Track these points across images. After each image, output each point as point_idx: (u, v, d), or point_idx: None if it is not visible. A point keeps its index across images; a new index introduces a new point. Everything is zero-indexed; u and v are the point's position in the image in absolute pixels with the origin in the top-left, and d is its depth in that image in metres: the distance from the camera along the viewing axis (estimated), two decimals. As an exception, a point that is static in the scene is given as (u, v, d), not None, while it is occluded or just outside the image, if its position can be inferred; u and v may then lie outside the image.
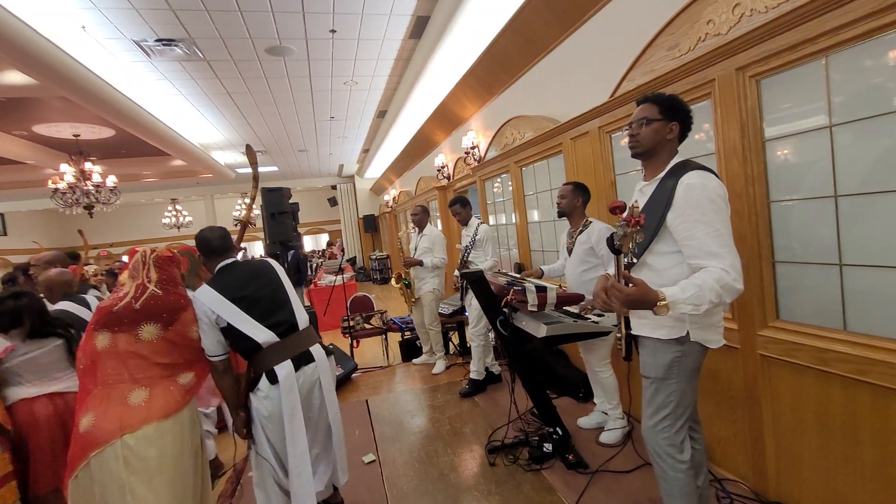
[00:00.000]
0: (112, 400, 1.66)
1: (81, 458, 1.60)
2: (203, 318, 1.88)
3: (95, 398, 1.68)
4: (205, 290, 1.91)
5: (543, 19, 3.37)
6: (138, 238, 15.30)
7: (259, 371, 1.91)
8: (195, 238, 2.09)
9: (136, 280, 1.81)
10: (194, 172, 10.24)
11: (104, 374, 1.70)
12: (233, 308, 1.89)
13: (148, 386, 1.71)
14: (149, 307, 1.76)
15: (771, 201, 1.91)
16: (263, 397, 1.88)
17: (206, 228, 2.10)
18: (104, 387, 1.69)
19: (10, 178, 9.01)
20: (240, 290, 1.94)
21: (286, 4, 3.93)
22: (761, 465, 2.06)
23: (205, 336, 1.88)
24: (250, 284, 1.99)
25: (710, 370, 2.27)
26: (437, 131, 6.88)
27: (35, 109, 6.02)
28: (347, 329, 4.86)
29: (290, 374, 1.91)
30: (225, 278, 1.99)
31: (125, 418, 1.63)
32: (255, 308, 1.94)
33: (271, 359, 1.91)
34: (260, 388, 1.89)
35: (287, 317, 2.02)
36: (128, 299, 1.75)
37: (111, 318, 1.73)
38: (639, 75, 2.53)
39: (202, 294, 1.89)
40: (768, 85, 1.86)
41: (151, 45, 4.41)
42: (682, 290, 1.37)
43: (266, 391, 1.88)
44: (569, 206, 2.72)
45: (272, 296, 2.03)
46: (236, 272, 2.03)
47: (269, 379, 1.88)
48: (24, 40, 3.57)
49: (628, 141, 1.66)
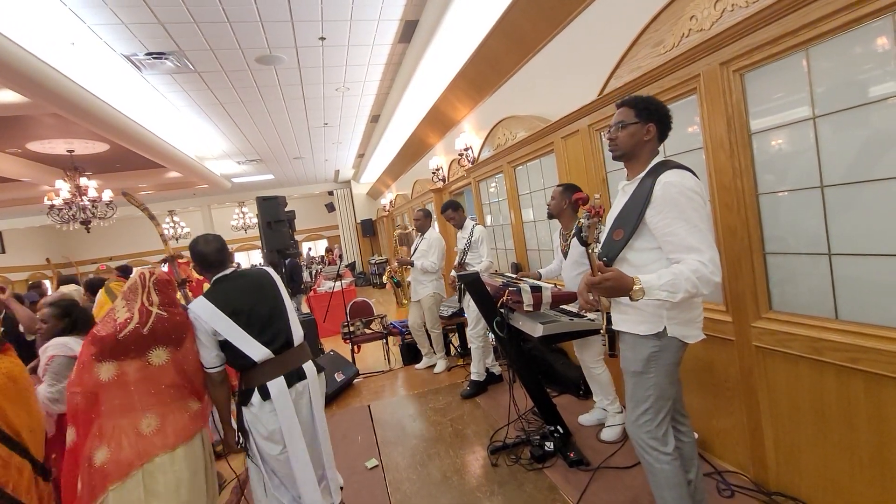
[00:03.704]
0: (125, 431, 1.64)
1: (101, 492, 1.59)
2: (201, 330, 1.85)
3: (105, 430, 1.64)
4: (202, 303, 1.86)
5: (531, 19, 3.39)
6: (137, 251, 15.32)
7: (251, 386, 1.90)
8: (189, 249, 2.03)
9: (136, 304, 1.74)
10: (190, 184, 10.26)
11: (110, 405, 1.65)
12: (230, 324, 1.86)
13: (158, 413, 1.70)
14: (158, 331, 1.72)
15: (759, 193, 1.93)
16: (255, 412, 1.88)
17: (202, 239, 2.03)
18: (111, 417, 1.65)
19: (6, 196, 9.01)
20: (238, 304, 1.90)
21: (274, 14, 3.94)
22: (761, 456, 2.07)
23: (203, 349, 1.87)
24: (248, 298, 1.95)
25: (706, 363, 2.28)
26: (430, 134, 6.89)
27: (28, 127, 6.03)
28: (348, 335, 4.87)
29: (282, 390, 1.90)
30: (222, 291, 1.95)
31: (142, 448, 1.63)
32: (252, 324, 1.90)
33: (264, 374, 1.90)
34: (252, 404, 1.88)
35: (283, 333, 1.99)
36: (133, 325, 1.67)
37: (117, 346, 1.66)
38: (625, 73, 2.54)
39: (199, 308, 1.85)
40: (752, 78, 1.88)
41: (142, 59, 4.43)
42: (658, 278, 1.42)
43: (258, 407, 1.87)
44: (556, 208, 2.73)
45: (270, 311, 1.99)
46: (234, 284, 1.99)
47: (261, 395, 1.87)
48: (14, 59, 3.59)
49: (609, 145, 1.70)
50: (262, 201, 4.44)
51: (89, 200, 7.00)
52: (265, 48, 4.56)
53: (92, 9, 3.52)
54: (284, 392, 1.91)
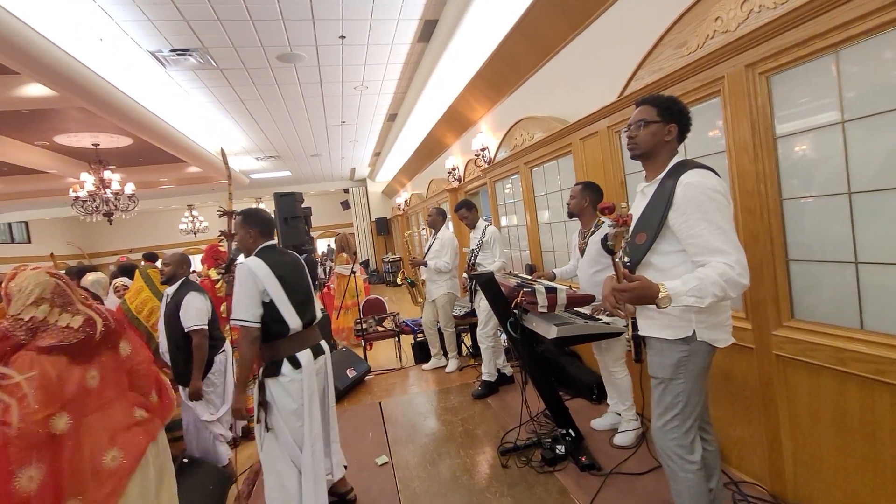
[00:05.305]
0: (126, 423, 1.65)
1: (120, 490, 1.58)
2: (250, 285, 1.94)
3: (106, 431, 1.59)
4: (257, 262, 1.99)
5: (551, 20, 3.37)
6: (156, 244, 15.62)
7: (280, 357, 2.02)
8: (250, 214, 2.16)
9: (79, 304, 1.65)
10: (209, 179, 10.43)
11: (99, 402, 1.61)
12: (278, 287, 2.00)
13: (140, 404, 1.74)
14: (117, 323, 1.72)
15: (783, 199, 1.89)
16: (287, 381, 2.00)
17: (260, 210, 2.23)
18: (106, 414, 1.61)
19: (33, 188, 9.28)
20: (283, 273, 2.06)
21: (296, 12, 3.99)
22: (778, 467, 2.03)
23: (247, 305, 1.94)
24: (290, 271, 2.12)
25: (724, 371, 2.24)
26: (447, 133, 6.90)
27: (56, 120, 6.20)
28: (360, 332, 4.90)
29: (310, 360, 2.07)
30: (271, 258, 2.07)
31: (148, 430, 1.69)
32: (293, 294, 2.06)
33: (293, 346, 2.05)
34: (284, 373, 2.00)
35: (311, 309, 2.18)
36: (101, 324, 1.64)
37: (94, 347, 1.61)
38: (647, 74, 2.51)
39: (255, 265, 1.97)
40: (779, 81, 1.84)
41: (166, 55, 4.52)
42: (684, 283, 1.39)
43: (290, 375, 2.00)
44: (577, 207, 2.71)
45: (304, 287, 2.18)
46: (281, 256, 2.14)
47: (292, 364, 2.01)
48: (43, 53, 3.69)
49: (627, 143, 1.67)
50: (279, 197, 4.49)
51: (112, 193, 7.17)
52: (286, 46, 4.62)
53: (120, 5, 3.61)
54: (311, 363, 2.07)
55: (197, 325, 2.69)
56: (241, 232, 2.15)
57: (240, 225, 2.15)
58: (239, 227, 2.16)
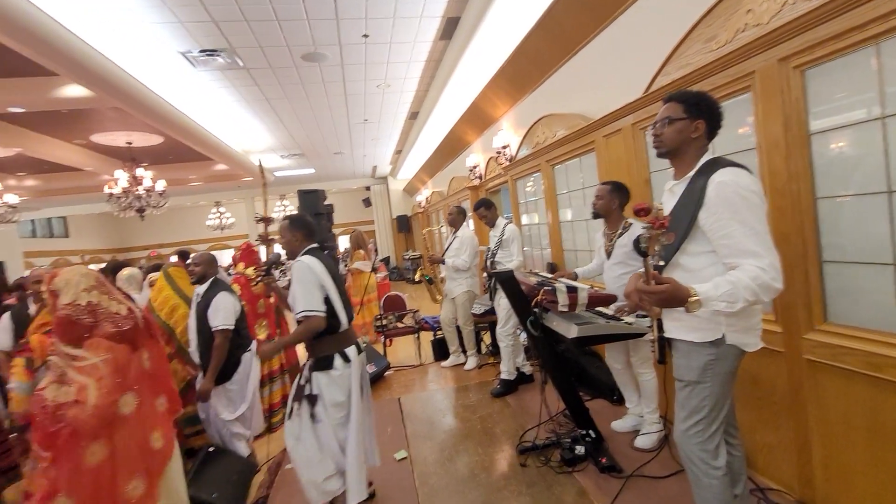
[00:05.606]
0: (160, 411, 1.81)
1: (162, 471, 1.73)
2: (311, 278, 2.10)
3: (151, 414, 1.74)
4: (312, 259, 2.14)
5: (575, 15, 3.32)
6: (185, 239, 16.09)
7: (330, 352, 2.16)
8: (296, 219, 2.32)
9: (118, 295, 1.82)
10: (236, 176, 10.68)
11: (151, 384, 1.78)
12: (332, 284, 2.16)
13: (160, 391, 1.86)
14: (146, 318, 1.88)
15: (817, 198, 1.82)
16: (338, 375, 2.14)
17: (303, 215, 2.41)
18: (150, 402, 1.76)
19: (71, 184, 9.72)
20: (332, 272, 2.21)
21: (321, 12, 4.04)
22: (808, 475, 1.96)
23: (312, 296, 2.08)
24: (335, 271, 2.25)
25: (751, 374, 2.18)
26: (468, 131, 6.89)
27: (93, 120, 6.45)
28: (380, 328, 4.95)
29: (356, 356, 2.22)
30: (320, 257, 2.22)
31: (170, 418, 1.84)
32: (340, 293, 2.21)
33: (341, 343, 2.19)
34: (336, 367, 2.14)
35: (350, 308, 2.31)
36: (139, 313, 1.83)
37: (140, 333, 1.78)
38: (674, 69, 2.45)
39: (312, 262, 2.14)
40: (814, 75, 1.77)
41: (196, 55, 4.64)
42: (715, 288, 1.33)
43: (340, 369, 2.14)
44: (605, 208, 2.64)
45: (344, 289, 2.30)
46: (326, 258, 2.25)
47: (343, 359, 2.16)
48: (82, 55, 3.85)
49: (653, 141, 1.63)
50: (303, 194, 4.58)
51: (144, 190, 7.42)
52: (311, 46, 4.69)
53: (153, 7, 3.72)
54: (356, 357, 2.22)
55: (223, 325, 2.72)
56: (287, 235, 2.30)
57: (287, 229, 2.30)
58: (286, 231, 2.30)
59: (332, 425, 2.14)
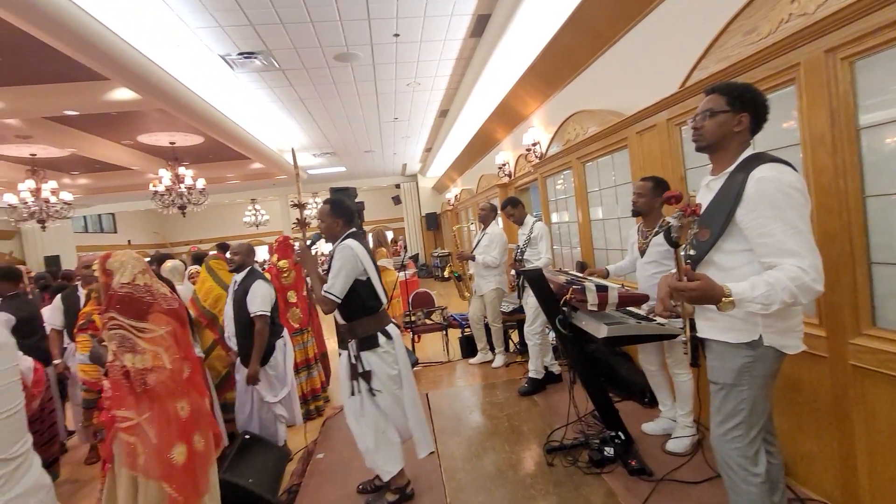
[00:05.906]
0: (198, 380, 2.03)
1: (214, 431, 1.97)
2: (354, 264, 2.18)
3: (198, 383, 1.95)
4: (355, 243, 2.23)
5: (607, 10, 3.26)
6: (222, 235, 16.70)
7: (373, 332, 2.26)
8: (336, 203, 2.35)
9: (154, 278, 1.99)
10: (271, 174, 11.01)
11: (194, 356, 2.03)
12: (372, 266, 2.27)
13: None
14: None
15: (866, 196, 1.73)
16: (383, 352, 2.25)
17: (343, 199, 2.46)
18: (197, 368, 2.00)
19: (119, 183, 10.30)
20: (371, 256, 2.32)
21: (353, 12, 4.12)
22: (852, 487, 1.87)
23: (346, 280, 2.17)
24: (372, 256, 2.34)
25: (792, 379, 2.09)
26: (498, 129, 6.86)
27: (139, 121, 6.80)
28: (409, 324, 5.01)
29: (398, 334, 2.34)
30: (364, 242, 2.31)
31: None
32: (378, 276, 2.32)
33: (381, 322, 2.29)
34: (381, 345, 2.25)
35: (384, 292, 2.39)
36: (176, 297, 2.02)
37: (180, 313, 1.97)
38: (712, 63, 2.37)
39: (356, 246, 2.22)
40: (863, 67, 1.68)
41: (234, 58, 4.82)
42: (752, 288, 1.28)
43: (385, 346, 2.26)
44: (646, 206, 2.55)
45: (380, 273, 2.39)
46: (365, 243, 2.34)
47: (385, 336, 2.27)
48: (130, 60, 4.05)
49: (692, 134, 1.58)
50: (334, 192, 4.67)
51: (186, 188, 7.76)
52: (343, 46, 4.78)
53: (195, 13, 3.89)
54: (397, 334, 2.33)
55: (261, 310, 2.87)
56: (328, 220, 2.35)
57: (328, 214, 2.34)
58: (327, 215, 2.34)
59: (390, 397, 2.28)
